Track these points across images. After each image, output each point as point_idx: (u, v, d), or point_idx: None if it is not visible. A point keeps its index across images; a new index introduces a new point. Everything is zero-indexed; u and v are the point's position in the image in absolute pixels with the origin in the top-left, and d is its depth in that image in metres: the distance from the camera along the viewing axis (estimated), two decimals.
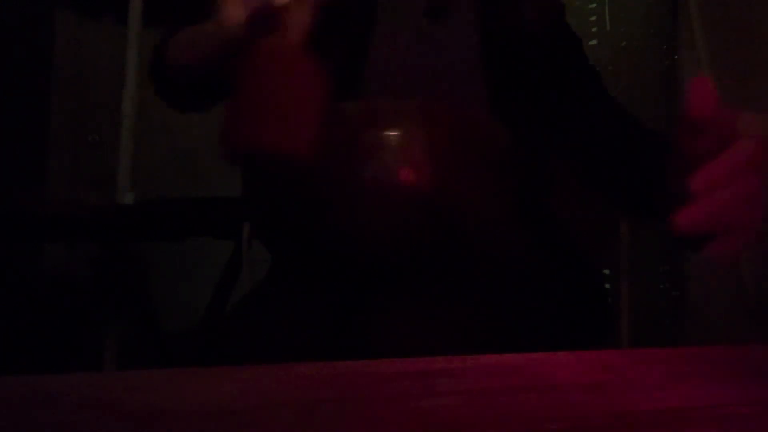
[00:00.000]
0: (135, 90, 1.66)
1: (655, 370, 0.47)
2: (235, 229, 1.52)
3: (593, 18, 2.11)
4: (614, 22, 2.13)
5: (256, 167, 0.76)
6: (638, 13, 2.17)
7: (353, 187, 0.69)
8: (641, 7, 2.18)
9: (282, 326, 0.73)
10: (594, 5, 2.13)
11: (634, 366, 0.48)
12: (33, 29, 2.12)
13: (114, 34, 1.93)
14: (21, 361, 1.75)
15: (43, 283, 2.06)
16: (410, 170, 0.69)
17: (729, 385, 0.42)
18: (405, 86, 0.76)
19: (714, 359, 0.51)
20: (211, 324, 1.50)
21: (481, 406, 0.37)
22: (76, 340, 2.01)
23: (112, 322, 1.65)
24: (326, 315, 0.71)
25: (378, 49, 0.76)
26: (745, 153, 0.54)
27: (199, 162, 2.17)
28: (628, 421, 0.35)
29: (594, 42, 2.09)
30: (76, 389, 0.39)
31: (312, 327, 0.71)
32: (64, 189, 2.15)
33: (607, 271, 1.18)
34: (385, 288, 0.70)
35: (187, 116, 0.91)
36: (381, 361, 0.45)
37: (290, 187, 0.73)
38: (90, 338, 1.85)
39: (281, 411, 0.35)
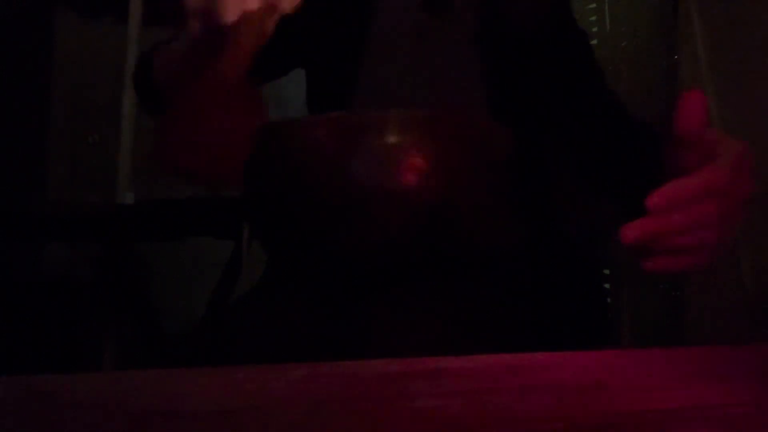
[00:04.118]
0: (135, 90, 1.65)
1: (655, 370, 0.47)
2: (235, 229, 1.52)
3: (593, 18, 2.11)
4: (614, 22, 2.12)
5: (251, 172, 0.77)
6: (638, 13, 2.17)
7: (352, 188, 0.69)
8: (641, 7, 2.18)
9: (281, 326, 0.73)
10: (594, 5, 2.13)
11: (634, 366, 0.48)
12: (33, 29, 2.12)
13: (114, 34, 1.93)
14: (21, 361, 1.75)
15: (43, 283, 2.06)
16: (409, 171, 0.69)
17: (729, 385, 0.42)
18: (404, 84, 0.75)
19: (714, 359, 0.51)
20: (210, 324, 1.50)
21: (481, 406, 0.37)
22: (76, 340, 2.01)
23: (112, 322, 1.65)
24: (326, 314, 0.71)
25: (377, 45, 0.76)
26: (710, 179, 0.53)
27: None
28: (628, 421, 0.35)
29: (594, 42, 2.09)
30: (76, 389, 0.39)
31: (311, 326, 0.71)
32: (64, 189, 2.15)
33: (607, 271, 1.18)
34: (384, 288, 0.70)
35: None
36: (381, 361, 0.45)
37: (290, 188, 0.73)
38: (90, 338, 1.85)
39: (281, 411, 0.35)
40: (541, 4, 0.84)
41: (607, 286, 1.00)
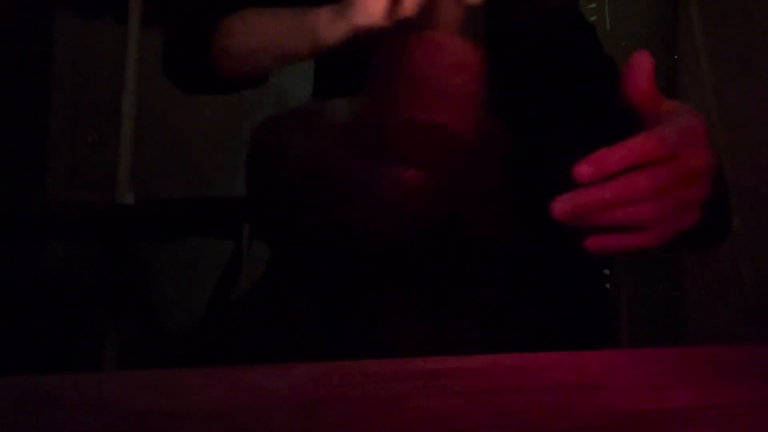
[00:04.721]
0: (135, 90, 1.66)
1: (654, 370, 0.47)
2: (235, 229, 1.52)
3: (593, 18, 2.11)
4: (614, 22, 2.13)
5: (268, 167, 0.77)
6: (638, 13, 2.17)
7: (358, 184, 0.69)
8: (641, 7, 2.18)
9: (281, 326, 0.73)
10: (594, 5, 2.13)
11: (634, 366, 0.48)
12: (33, 29, 2.12)
13: (114, 34, 1.93)
14: (21, 361, 1.75)
15: (43, 283, 2.06)
16: (414, 169, 0.69)
17: (729, 385, 0.42)
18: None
19: (714, 359, 0.51)
20: (210, 324, 1.50)
21: (481, 406, 0.37)
22: (76, 340, 2.01)
23: (112, 322, 1.65)
24: (326, 314, 0.71)
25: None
26: (641, 147, 0.49)
27: (199, 162, 2.17)
28: (628, 421, 0.35)
29: None
30: (76, 389, 0.39)
31: (311, 326, 0.71)
32: (64, 189, 2.15)
33: (607, 271, 1.18)
34: (385, 288, 0.70)
35: (187, 117, 0.91)
36: (381, 361, 0.45)
37: (296, 184, 0.73)
38: (90, 338, 1.85)
39: (280, 411, 0.35)
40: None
41: (607, 286, 1.00)
